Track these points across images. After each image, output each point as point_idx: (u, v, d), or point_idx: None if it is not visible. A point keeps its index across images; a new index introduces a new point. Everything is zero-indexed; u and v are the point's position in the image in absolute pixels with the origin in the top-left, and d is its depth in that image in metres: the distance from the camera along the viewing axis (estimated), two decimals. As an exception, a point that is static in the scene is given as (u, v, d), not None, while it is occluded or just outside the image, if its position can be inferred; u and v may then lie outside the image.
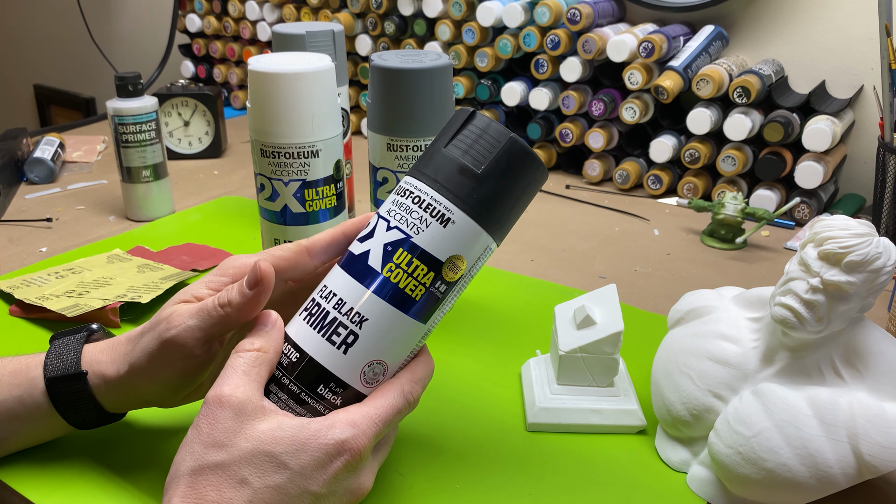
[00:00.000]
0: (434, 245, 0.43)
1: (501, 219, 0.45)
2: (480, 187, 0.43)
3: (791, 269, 0.48)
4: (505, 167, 0.44)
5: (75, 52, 2.04)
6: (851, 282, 0.45)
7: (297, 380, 0.43)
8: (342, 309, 0.43)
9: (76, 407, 0.49)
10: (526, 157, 0.44)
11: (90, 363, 0.49)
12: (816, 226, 0.47)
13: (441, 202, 0.43)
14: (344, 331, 0.43)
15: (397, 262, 0.43)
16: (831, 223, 0.47)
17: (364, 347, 0.43)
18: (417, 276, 0.43)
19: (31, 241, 0.90)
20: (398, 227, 0.44)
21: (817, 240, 0.46)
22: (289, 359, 0.44)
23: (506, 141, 0.44)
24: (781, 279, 0.48)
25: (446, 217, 0.43)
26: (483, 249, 0.45)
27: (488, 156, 0.43)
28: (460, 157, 0.44)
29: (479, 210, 0.44)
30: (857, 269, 0.45)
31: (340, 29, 0.84)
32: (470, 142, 0.44)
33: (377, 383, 0.44)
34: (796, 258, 0.48)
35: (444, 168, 0.44)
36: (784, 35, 1.03)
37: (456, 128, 0.45)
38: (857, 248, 0.45)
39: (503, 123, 1.20)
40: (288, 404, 0.43)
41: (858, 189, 1.03)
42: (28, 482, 0.50)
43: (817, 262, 0.46)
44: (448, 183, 0.43)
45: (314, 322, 0.44)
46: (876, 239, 0.46)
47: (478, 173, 0.43)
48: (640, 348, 0.66)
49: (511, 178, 0.44)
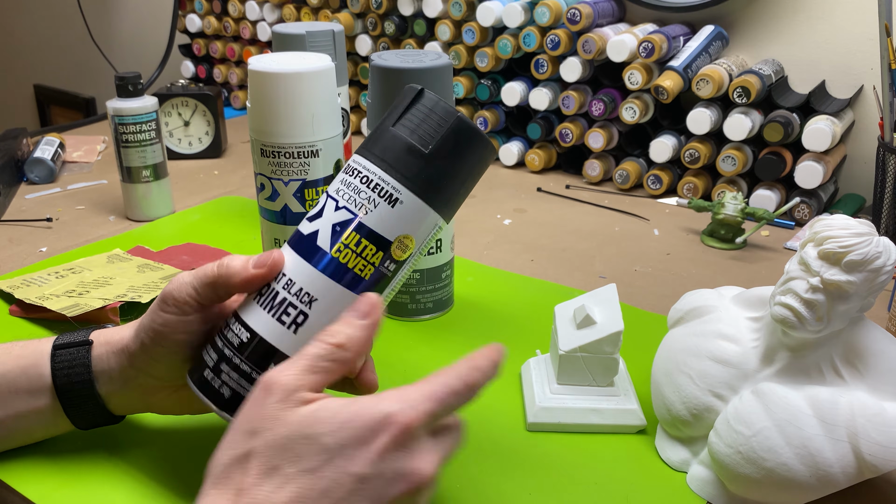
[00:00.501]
0: (382, 225, 0.44)
1: (449, 197, 0.46)
2: (428, 167, 0.44)
3: (791, 269, 0.48)
4: (452, 147, 0.44)
5: (75, 52, 2.04)
6: (851, 281, 0.45)
7: (248, 359, 0.44)
8: (292, 289, 0.44)
9: (76, 375, 0.49)
10: (473, 137, 0.45)
11: (97, 335, 0.50)
12: (816, 225, 0.47)
13: (389, 182, 0.44)
14: (294, 311, 0.44)
15: (346, 243, 0.44)
16: (831, 223, 0.47)
17: (314, 327, 0.44)
18: (366, 255, 0.44)
19: (31, 241, 0.90)
20: (346, 207, 0.44)
21: (817, 239, 0.46)
22: (239, 338, 0.44)
23: (453, 121, 0.44)
24: (781, 279, 0.48)
25: (394, 197, 0.44)
26: (432, 227, 0.46)
27: (435, 135, 0.44)
28: (408, 136, 0.44)
29: (427, 189, 0.44)
30: (857, 269, 0.45)
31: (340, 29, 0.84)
32: (418, 121, 0.44)
33: None
34: (796, 258, 0.48)
35: (391, 147, 0.44)
36: (784, 35, 1.03)
37: (404, 106, 0.45)
38: (857, 247, 0.45)
39: (503, 123, 1.20)
40: (239, 383, 0.44)
41: (858, 189, 1.03)
42: (28, 482, 0.50)
43: (817, 261, 0.46)
44: (396, 163, 0.44)
45: (264, 302, 0.44)
46: (876, 238, 0.46)
47: (425, 153, 0.44)
48: (640, 348, 0.66)
49: (458, 158, 0.45)
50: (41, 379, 0.49)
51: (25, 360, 0.50)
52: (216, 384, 0.44)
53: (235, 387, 0.44)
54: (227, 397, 0.44)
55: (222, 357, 0.44)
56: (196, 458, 0.53)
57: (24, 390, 0.49)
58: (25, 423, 0.50)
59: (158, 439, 0.54)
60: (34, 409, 0.50)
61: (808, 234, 0.48)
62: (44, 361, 0.49)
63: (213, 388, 0.44)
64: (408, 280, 0.70)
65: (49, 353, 0.50)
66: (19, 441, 0.52)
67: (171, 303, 0.46)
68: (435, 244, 0.69)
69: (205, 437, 0.55)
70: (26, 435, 0.51)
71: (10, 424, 0.50)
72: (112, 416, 0.51)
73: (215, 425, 0.56)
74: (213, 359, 0.45)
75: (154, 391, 0.50)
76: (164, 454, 0.53)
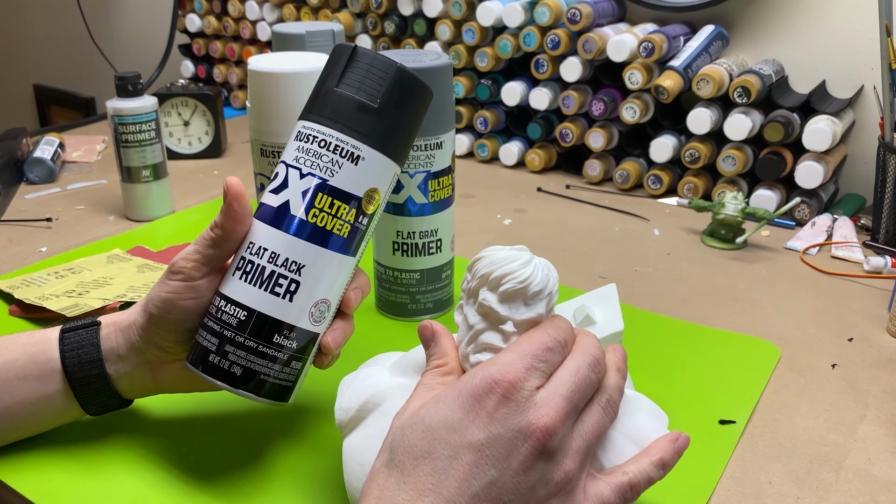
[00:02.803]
0: (351, 183, 0.46)
1: (403, 145, 0.48)
2: (380, 120, 0.46)
3: (473, 322, 0.42)
4: (398, 97, 0.46)
5: (75, 52, 2.04)
6: (541, 313, 0.42)
7: (251, 335, 0.45)
8: (277, 261, 0.45)
9: (85, 355, 0.49)
10: (415, 84, 0.47)
11: (103, 317, 0.51)
12: (477, 268, 0.43)
13: (348, 141, 0.46)
14: (285, 281, 0.45)
15: (320, 207, 0.45)
16: (493, 259, 0.42)
17: (307, 291, 0.46)
18: (341, 215, 0.46)
19: (31, 241, 0.90)
20: (311, 172, 0.46)
21: (490, 282, 0.42)
22: (237, 318, 0.45)
23: (394, 71, 0.46)
24: (466, 335, 0.43)
25: (356, 155, 0.46)
26: (392, 177, 0.48)
27: (381, 89, 0.46)
28: (355, 94, 0.46)
29: (384, 141, 0.46)
30: (538, 298, 0.42)
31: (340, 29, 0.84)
32: (360, 77, 0.46)
33: (324, 320, 0.48)
34: (469, 310, 0.43)
35: (342, 107, 0.46)
36: (784, 35, 1.03)
37: (343, 65, 0.46)
38: (532, 277, 0.41)
39: (503, 123, 1.20)
40: (248, 359, 0.45)
41: (858, 189, 1.03)
42: (28, 482, 0.50)
43: (501, 305, 0.41)
44: (350, 122, 0.46)
45: (252, 279, 0.46)
46: (535, 260, 0.42)
47: (375, 107, 0.46)
48: (640, 348, 0.66)
49: (405, 106, 0.47)
50: (50, 364, 0.49)
51: (33, 346, 0.50)
52: (225, 365, 0.46)
53: (245, 363, 0.46)
54: (239, 375, 0.46)
55: (224, 339, 0.46)
56: (195, 457, 0.53)
57: (33, 376, 0.49)
58: (34, 411, 0.50)
59: (158, 439, 0.54)
60: (43, 396, 0.50)
61: (474, 282, 0.43)
62: (52, 346, 0.50)
63: (224, 370, 0.46)
64: (408, 280, 0.70)
65: (57, 338, 0.50)
66: (28, 430, 0.52)
67: (178, 270, 0.47)
68: (435, 244, 0.69)
69: (204, 438, 0.55)
70: (35, 424, 0.51)
71: (19, 412, 0.50)
72: (122, 399, 0.51)
73: (214, 425, 0.56)
74: (214, 343, 0.46)
75: (162, 366, 0.50)
76: (163, 454, 0.53)
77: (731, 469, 0.53)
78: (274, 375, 0.46)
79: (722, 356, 0.66)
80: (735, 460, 0.54)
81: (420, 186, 0.66)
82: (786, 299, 0.77)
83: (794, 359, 0.67)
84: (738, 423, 0.57)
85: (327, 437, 0.55)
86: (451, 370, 0.42)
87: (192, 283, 0.47)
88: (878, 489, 0.51)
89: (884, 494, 0.51)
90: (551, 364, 0.39)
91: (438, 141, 0.66)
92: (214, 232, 0.47)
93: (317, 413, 0.57)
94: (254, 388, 0.46)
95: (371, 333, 0.70)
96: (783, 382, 0.63)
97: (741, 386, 0.62)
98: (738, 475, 0.53)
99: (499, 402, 0.36)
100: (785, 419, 0.59)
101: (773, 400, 0.61)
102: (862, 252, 0.87)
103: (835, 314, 0.74)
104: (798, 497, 0.51)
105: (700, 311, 0.75)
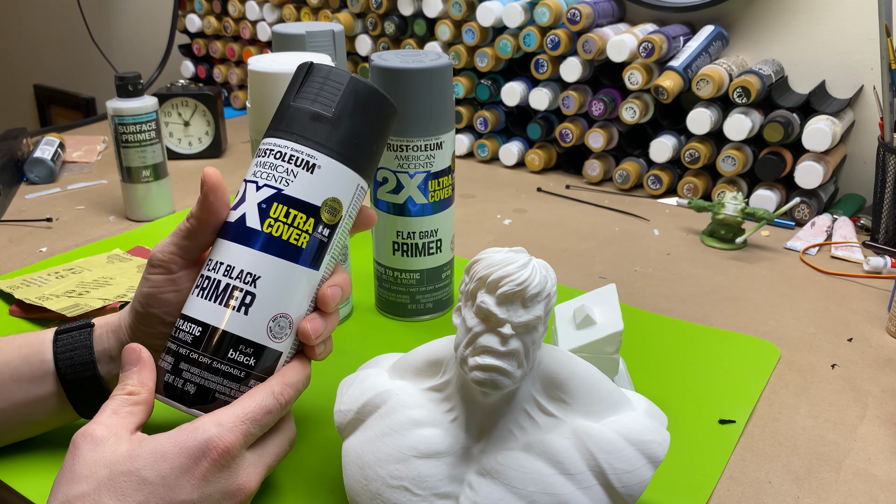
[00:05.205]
0: (306, 192, 0.45)
1: (364, 156, 0.47)
2: (336, 129, 0.46)
3: (472, 324, 0.42)
4: (353, 106, 0.46)
5: (75, 52, 2.04)
6: (539, 316, 0.42)
7: (206, 351, 0.44)
8: (232, 273, 0.44)
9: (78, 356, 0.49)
10: (371, 94, 0.47)
11: (97, 319, 0.51)
12: (475, 270, 0.42)
13: (303, 151, 0.45)
14: (239, 293, 0.44)
15: (275, 217, 0.45)
16: (491, 261, 0.42)
17: (263, 304, 0.44)
18: (298, 224, 0.45)
19: (31, 241, 0.90)
20: (267, 184, 0.45)
21: (489, 285, 0.41)
22: (192, 334, 0.44)
23: (348, 81, 0.46)
24: (464, 338, 0.42)
25: (311, 163, 0.45)
26: (355, 188, 0.47)
27: (335, 98, 0.46)
28: (310, 105, 0.46)
29: (341, 150, 0.46)
30: (537, 300, 0.42)
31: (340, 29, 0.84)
32: (316, 90, 0.46)
33: (287, 337, 0.46)
34: (468, 313, 0.43)
35: (297, 120, 0.46)
36: (784, 35, 1.03)
37: (299, 82, 0.47)
38: (530, 279, 0.41)
39: (503, 123, 1.20)
40: (202, 377, 0.44)
41: (858, 189, 1.03)
42: (28, 482, 0.50)
43: (500, 308, 0.41)
44: (305, 132, 0.46)
45: (208, 294, 0.45)
46: (533, 261, 0.42)
47: (330, 116, 0.46)
48: (640, 348, 0.66)
49: (362, 115, 0.47)
50: (43, 365, 0.50)
51: (28, 348, 0.50)
52: (179, 384, 0.44)
53: (200, 381, 0.44)
54: (192, 393, 0.44)
55: (179, 357, 0.45)
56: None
57: (27, 377, 0.49)
58: (28, 413, 0.50)
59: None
60: (37, 397, 0.50)
61: (472, 284, 0.42)
62: (46, 348, 0.50)
63: (178, 389, 0.44)
64: (408, 280, 0.70)
65: (51, 339, 0.50)
66: (21, 433, 0.52)
67: (157, 263, 0.47)
68: (435, 244, 0.69)
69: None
70: (29, 426, 0.51)
71: (13, 414, 0.50)
72: None
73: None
74: (171, 362, 0.45)
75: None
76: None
77: (730, 469, 0.53)
78: (231, 395, 0.44)
79: (722, 356, 0.66)
80: (735, 460, 0.54)
81: (420, 186, 0.66)
82: (786, 299, 0.77)
83: (793, 359, 0.67)
84: (737, 422, 0.57)
85: (327, 439, 0.55)
86: (142, 401, 0.43)
87: (171, 275, 0.47)
88: (878, 489, 0.51)
89: (884, 494, 0.51)
90: (267, 425, 0.43)
91: (438, 141, 0.66)
92: (190, 222, 0.47)
93: (316, 415, 0.57)
94: (209, 408, 0.44)
95: (371, 333, 0.70)
96: (783, 382, 0.63)
97: (741, 386, 0.62)
98: (737, 475, 0.53)
99: (211, 467, 0.40)
100: (785, 419, 0.59)
101: (773, 400, 0.61)
102: (862, 252, 0.87)
103: (834, 314, 0.74)
104: (798, 497, 0.51)
105: (700, 311, 0.75)
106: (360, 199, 0.48)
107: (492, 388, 0.42)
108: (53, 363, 0.49)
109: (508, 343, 0.41)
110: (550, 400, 0.44)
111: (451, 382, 0.45)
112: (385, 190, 0.67)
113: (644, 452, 0.42)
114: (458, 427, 0.44)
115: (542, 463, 0.42)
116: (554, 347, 0.46)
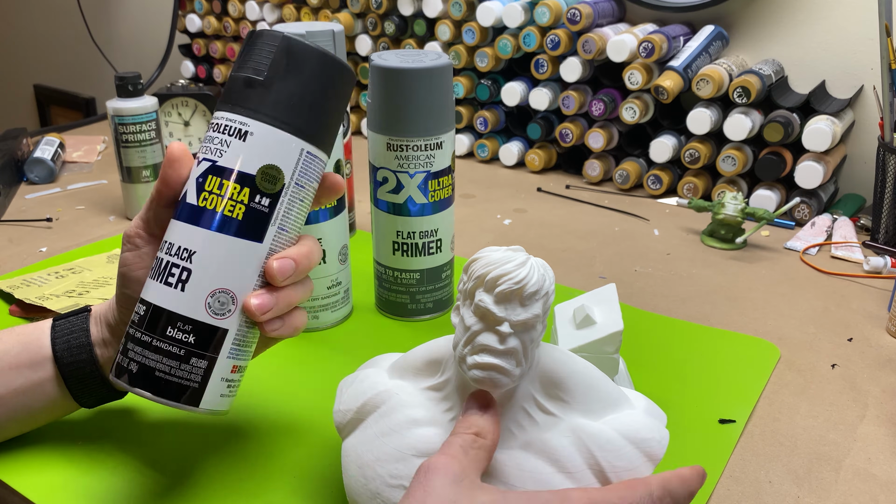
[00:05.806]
0: (239, 161, 0.44)
1: (304, 119, 0.45)
2: (270, 93, 0.44)
3: (470, 323, 0.42)
4: (287, 67, 0.44)
5: (75, 52, 2.04)
6: (537, 314, 0.41)
7: (147, 329, 0.43)
8: (172, 251, 0.44)
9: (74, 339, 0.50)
10: (308, 53, 0.45)
11: (95, 306, 0.52)
12: (473, 269, 0.42)
13: (235, 119, 0.44)
14: (177, 270, 0.44)
15: (209, 189, 0.44)
16: (489, 260, 0.42)
17: (200, 279, 0.43)
18: (232, 195, 0.44)
19: (31, 241, 0.90)
20: (205, 157, 0.45)
21: (487, 283, 0.41)
22: (138, 314, 0.44)
23: (279, 41, 0.44)
24: (463, 337, 0.42)
25: (243, 131, 0.44)
26: (298, 154, 0.45)
27: (267, 62, 0.44)
28: (244, 72, 0.45)
29: (275, 114, 0.44)
30: (535, 298, 0.41)
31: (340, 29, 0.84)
32: (249, 56, 0.45)
33: (230, 313, 0.44)
34: (466, 312, 0.43)
35: (233, 88, 0.45)
36: (784, 35, 1.03)
37: (241, 52, 0.46)
38: (528, 277, 0.41)
39: (503, 123, 1.20)
40: (143, 355, 0.43)
41: (858, 189, 1.03)
42: (28, 482, 0.50)
43: (498, 306, 0.41)
44: (238, 100, 0.44)
45: (154, 273, 0.45)
46: (530, 260, 0.42)
47: (262, 80, 0.44)
48: (640, 348, 0.66)
49: (297, 76, 0.44)
50: (41, 351, 0.50)
51: (27, 336, 0.51)
52: (125, 363, 0.44)
53: (141, 359, 0.43)
54: (135, 372, 0.43)
55: (127, 337, 0.44)
56: (195, 457, 0.53)
57: (25, 365, 0.50)
58: (27, 401, 0.50)
59: (157, 439, 0.55)
60: (35, 384, 0.50)
61: (471, 283, 0.42)
62: (44, 334, 0.51)
63: (124, 368, 0.44)
64: (408, 280, 0.70)
65: (49, 326, 0.51)
66: (23, 424, 0.52)
67: (126, 240, 0.48)
68: (435, 244, 0.69)
69: (204, 438, 0.55)
70: (29, 416, 0.51)
71: (13, 402, 0.50)
72: (112, 388, 0.51)
73: (214, 425, 0.56)
74: (122, 343, 0.45)
75: None
76: (163, 454, 0.53)
77: (730, 468, 0.53)
78: (172, 374, 0.43)
79: (722, 356, 0.66)
80: (735, 459, 0.54)
81: (420, 186, 0.66)
82: (786, 299, 0.77)
83: (793, 359, 0.67)
84: (737, 422, 0.57)
85: (327, 439, 0.55)
86: (485, 446, 0.41)
87: (138, 251, 0.47)
88: (878, 489, 0.51)
89: (883, 494, 0.51)
90: None
91: (438, 141, 0.66)
92: (151, 195, 0.47)
93: (316, 414, 0.57)
94: (150, 386, 0.43)
95: (371, 333, 0.70)
96: (783, 382, 0.63)
97: (741, 385, 0.62)
98: (737, 474, 0.53)
99: None
100: (785, 419, 0.59)
101: (773, 399, 0.61)
102: (862, 252, 0.87)
103: (834, 314, 0.74)
104: (798, 496, 0.51)
105: (700, 311, 0.75)
106: (311, 166, 0.46)
107: (490, 387, 0.42)
108: (51, 348, 0.50)
109: (507, 341, 0.41)
110: (549, 398, 0.44)
111: (450, 382, 0.45)
112: (385, 190, 0.67)
113: (643, 450, 0.42)
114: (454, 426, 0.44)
115: (540, 461, 0.42)
116: (553, 346, 0.46)
